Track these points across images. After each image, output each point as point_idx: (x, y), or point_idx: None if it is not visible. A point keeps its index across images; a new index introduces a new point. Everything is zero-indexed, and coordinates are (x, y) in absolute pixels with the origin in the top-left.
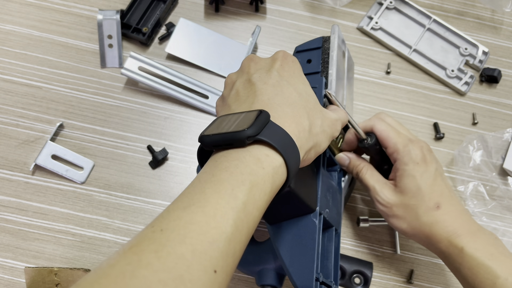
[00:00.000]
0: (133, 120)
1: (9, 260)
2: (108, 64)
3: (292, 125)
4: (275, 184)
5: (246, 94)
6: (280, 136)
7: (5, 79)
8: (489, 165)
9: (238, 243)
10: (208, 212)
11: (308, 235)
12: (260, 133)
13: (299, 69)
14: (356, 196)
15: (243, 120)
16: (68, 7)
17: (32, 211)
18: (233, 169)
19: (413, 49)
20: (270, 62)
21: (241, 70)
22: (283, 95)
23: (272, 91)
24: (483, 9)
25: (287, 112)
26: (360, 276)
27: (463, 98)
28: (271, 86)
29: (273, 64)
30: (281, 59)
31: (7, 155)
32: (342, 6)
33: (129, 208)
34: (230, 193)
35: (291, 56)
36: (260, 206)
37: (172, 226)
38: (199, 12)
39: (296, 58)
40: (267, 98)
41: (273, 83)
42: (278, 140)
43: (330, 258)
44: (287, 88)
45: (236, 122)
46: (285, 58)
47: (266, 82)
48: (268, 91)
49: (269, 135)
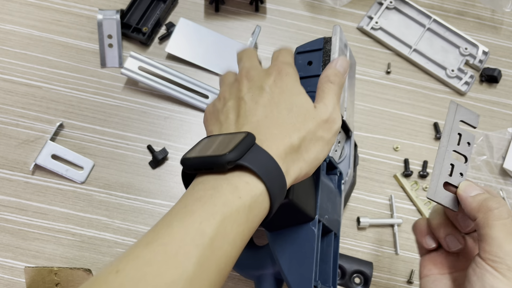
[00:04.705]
0: (133, 120)
1: (9, 260)
2: (108, 64)
3: (280, 147)
4: (253, 213)
5: (236, 114)
6: (263, 161)
7: (5, 79)
8: (490, 165)
9: (204, 281)
10: (170, 250)
11: (307, 243)
12: (242, 158)
13: (294, 80)
14: (356, 196)
15: (227, 143)
16: (68, 7)
17: (32, 211)
18: (206, 199)
19: (413, 49)
20: (264, 78)
21: (236, 85)
22: (273, 115)
23: (262, 112)
24: (483, 9)
25: (275, 134)
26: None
27: (463, 98)
28: (262, 106)
29: (266, 80)
30: (275, 74)
31: (7, 154)
32: (342, 6)
33: (129, 208)
34: (198, 227)
35: (286, 68)
36: (234, 239)
37: (129, 267)
38: (199, 12)
39: (292, 69)
40: (256, 120)
41: (264, 103)
42: (261, 165)
43: (329, 263)
44: (277, 107)
45: (220, 144)
46: (279, 73)
47: (257, 102)
48: (258, 112)
49: (252, 160)
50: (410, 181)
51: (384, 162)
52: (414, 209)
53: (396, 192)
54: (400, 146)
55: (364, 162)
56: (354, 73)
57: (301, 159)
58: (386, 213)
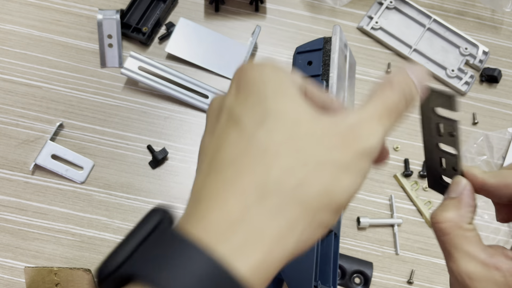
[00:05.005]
0: (133, 120)
1: (9, 260)
2: (108, 63)
3: (239, 203)
4: None
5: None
6: (187, 274)
7: (5, 79)
8: (491, 165)
9: None
10: None
11: None
12: (138, 267)
13: (272, 77)
14: (356, 196)
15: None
16: (68, 7)
17: (32, 211)
18: None
19: (413, 49)
20: (224, 97)
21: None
22: (225, 150)
23: (214, 148)
24: (483, 9)
25: (227, 193)
26: (360, 276)
27: (463, 98)
28: (216, 139)
29: (225, 99)
30: (235, 84)
31: (7, 154)
32: (342, 6)
33: (129, 208)
34: None
35: (253, 67)
36: None
37: None
38: (199, 12)
39: (270, 63)
40: (206, 165)
41: (218, 134)
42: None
43: (329, 263)
44: (235, 132)
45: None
46: (239, 78)
47: (212, 134)
48: (210, 150)
49: (157, 269)
50: (410, 181)
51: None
52: (414, 209)
53: (396, 192)
54: (400, 146)
55: None
56: (354, 73)
57: (291, 235)
58: (386, 213)
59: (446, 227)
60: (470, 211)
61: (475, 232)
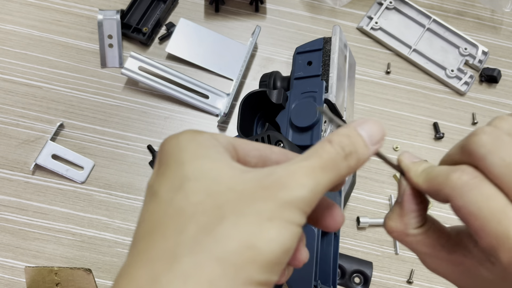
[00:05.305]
0: (133, 120)
1: (9, 259)
2: (108, 64)
3: None
4: None
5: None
6: None
7: (5, 79)
8: None
9: None
10: None
11: (307, 243)
12: None
13: (189, 143)
14: (356, 196)
15: None
16: (68, 7)
17: (32, 211)
18: None
19: (412, 49)
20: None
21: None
22: (142, 224)
23: (136, 225)
24: (483, 9)
25: (136, 265)
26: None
27: (462, 98)
28: (139, 217)
29: (149, 178)
30: (157, 160)
31: (7, 154)
32: (342, 6)
33: (129, 208)
34: None
35: (171, 138)
36: None
37: None
38: (199, 12)
39: (189, 130)
40: (130, 250)
41: (141, 212)
42: None
43: (328, 262)
44: (153, 205)
45: None
46: (160, 153)
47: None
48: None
49: None
50: None
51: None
52: None
53: (396, 192)
54: (400, 146)
55: None
56: (354, 73)
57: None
58: (386, 213)
59: (395, 236)
60: (413, 216)
61: (424, 234)
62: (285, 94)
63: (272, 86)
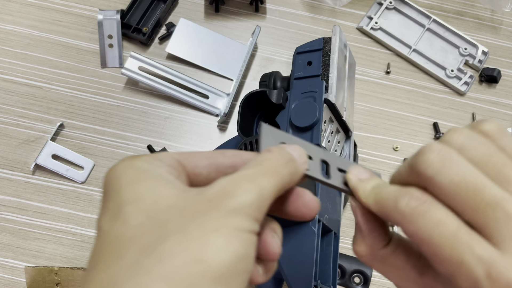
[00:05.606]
0: (133, 120)
1: (9, 259)
2: (108, 64)
3: None
4: None
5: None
6: None
7: (5, 79)
8: None
9: None
10: None
11: (307, 243)
12: None
13: (126, 169)
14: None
15: None
16: (68, 7)
17: (32, 211)
18: None
19: (412, 49)
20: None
21: None
22: (89, 262)
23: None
24: (483, 9)
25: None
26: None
27: (462, 98)
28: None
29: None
30: (102, 195)
31: (7, 154)
32: (342, 6)
33: None
34: None
35: (109, 170)
36: None
37: None
38: (199, 12)
39: (127, 157)
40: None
41: (90, 255)
42: None
43: (328, 262)
44: (96, 241)
45: None
46: (103, 188)
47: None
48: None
49: None
50: None
51: (384, 162)
52: None
53: None
54: (399, 146)
55: (363, 162)
56: (354, 73)
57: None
58: None
59: (364, 261)
60: (374, 236)
61: (392, 254)
62: (285, 94)
63: (272, 86)
